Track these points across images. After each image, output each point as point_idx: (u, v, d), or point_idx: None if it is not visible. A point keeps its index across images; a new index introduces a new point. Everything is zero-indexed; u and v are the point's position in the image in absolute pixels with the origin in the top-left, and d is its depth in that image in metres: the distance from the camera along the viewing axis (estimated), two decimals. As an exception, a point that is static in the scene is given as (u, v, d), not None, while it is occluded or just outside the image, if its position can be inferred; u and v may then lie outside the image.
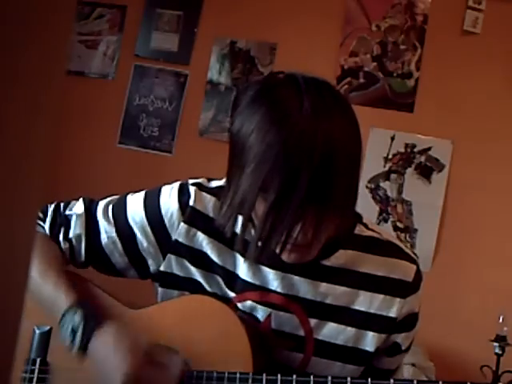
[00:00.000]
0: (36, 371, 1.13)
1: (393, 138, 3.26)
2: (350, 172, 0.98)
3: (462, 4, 3.27)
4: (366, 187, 3.23)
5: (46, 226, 1.20)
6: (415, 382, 1.00)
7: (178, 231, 1.14)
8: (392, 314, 1.10)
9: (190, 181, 1.17)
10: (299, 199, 0.93)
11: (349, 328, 1.11)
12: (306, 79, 0.98)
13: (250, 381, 1.04)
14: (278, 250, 1.01)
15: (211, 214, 1.13)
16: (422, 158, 3.23)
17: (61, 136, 3.15)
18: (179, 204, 1.14)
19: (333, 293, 1.11)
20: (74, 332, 1.06)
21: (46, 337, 1.14)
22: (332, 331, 1.11)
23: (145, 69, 3.59)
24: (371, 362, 1.14)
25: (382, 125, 3.26)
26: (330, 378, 1.02)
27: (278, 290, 1.11)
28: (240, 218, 1.07)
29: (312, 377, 1.03)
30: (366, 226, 1.14)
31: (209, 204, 1.14)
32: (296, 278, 1.11)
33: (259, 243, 0.99)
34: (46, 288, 1.12)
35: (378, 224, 3.20)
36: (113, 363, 1.03)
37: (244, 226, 1.03)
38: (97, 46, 3.67)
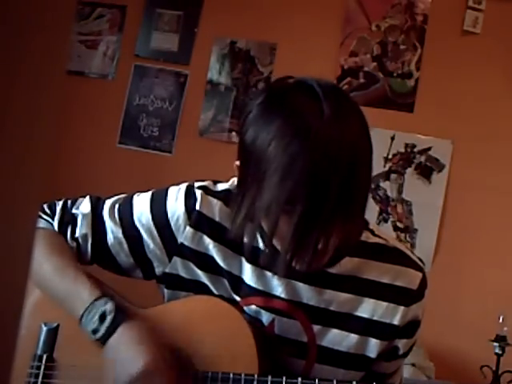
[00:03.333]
0: (42, 367, 1.13)
1: (393, 138, 3.26)
2: (369, 178, 0.98)
3: (462, 4, 3.27)
4: (366, 187, 3.23)
5: (55, 223, 1.20)
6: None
7: (184, 235, 1.13)
8: (395, 321, 1.10)
9: (196, 184, 1.16)
10: (330, 210, 0.91)
11: (352, 335, 1.11)
12: (321, 85, 0.96)
13: (255, 382, 1.04)
14: (299, 262, 1.00)
15: (217, 218, 1.13)
16: (422, 158, 3.23)
17: (61, 136, 3.15)
18: (185, 208, 1.13)
19: (337, 300, 1.10)
20: (102, 318, 1.07)
21: (52, 333, 1.15)
22: (335, 338, 1.11)
23: (145, 69, 3.59)
24: (370, 367, 1.14)
25: (382, 125, 3.25)
26: (335, 382, 1.02)
27: (282, 295, 1.11)
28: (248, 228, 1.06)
29: (317, 380, 1.03)
30: (372, 232, 1.13)
31: (215, 208, 1.13)
32: (300, 284, 1.10)
33: (287, 257, 0.98)
34: (64, 282, 1.12)
35: (378, 224, 3.20)
36: (130, 357, 1.03)
37: (268, 238, 1.02)
38: (97, 46, 3.67)
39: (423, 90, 3.28)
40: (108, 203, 1.21)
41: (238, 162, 1.03)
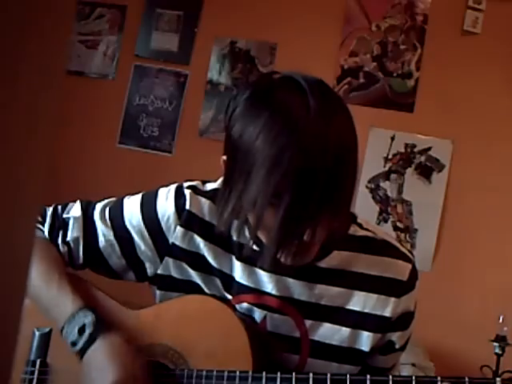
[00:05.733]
0: (36, 372, 1.13)
1: (393, 138, 3.26)
2: (355, 171, 0.98)
3: (461, 4, 3.27)
4: (366, 187, 3.23)
5: (45, 229, 1.21)
6: (414, 378, 1.00)
7: (175, 235, 1.14)
8: (387, 313, 1.10)
9: (185, 184, 1.17)
10: (317, 201, 0.92)
11: (344, 328, 1.11)
12: (307, 80, 0.98)
13: (250, 379, 1.04)
14: (284, 255, 1.00)
15: (207, 218, 1.13)
16: (422, 158, 3.23)
17: (61, 136, 3.15)
18: (175, 208, 1.14)
19: (327, 294, 1.11)
20: (81, 331, 1.07)
21: (46, 338, 1.15)
22: (327, 332, 1.11)
23: (145, 69, 3.59)
24: (366, 361, 1.14)
25: (382, 125, 3.26)
26: (329, 376, 1.03)
27: (273, 292, 1.11)
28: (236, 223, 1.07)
29: (311, 374, 1.03)
30: (360, 225, 1.13)
31: (204, 207, 1.14)
32: (290, 280, 1.11)
33: (273, 249, 0.98)
34: (48, 291, 1.12)
35: (378, 224, 3.20)
36: (103, 372, 1.04)
37: (253, 232, 1.03)
38: (97, 46, 3.67)
39: (423, 90, 3.28)
40: (99, 206, 1.21)
41: (224, 157, 1.04)
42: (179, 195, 1.15)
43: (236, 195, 0.98)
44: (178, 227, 1.14)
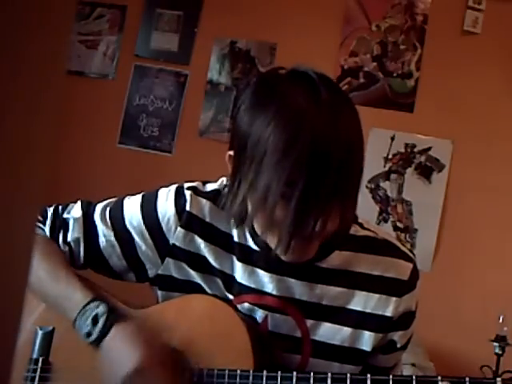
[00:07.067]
0: (38, 371, 1.14)
1: (393, 138, 3.26)
2: (362, 167, 0.99)
3: (462, 4, 3.27)
4: (366, 187, 3.23)
5: (47, 229, 1.21)
6: (414, 377, 1.00)
7: (176, 236, 1.14)
8: (388, 313, 1.10)
9: (186, 184, 1.17)
10: (330, 188, 0.92)
11: (345, 328, 1.11)
12: (316, 72, 0.99)
13: (251, 378, 1.04)
14: (287, 249, 1.00)
15: (207, 219, 1.13)
16: (422, 158, 3.23)
17: (61, 136, 3.15)
18: (176, 209, 1.14)
19: (328, 294, 1.11)
20: (94, 321, 1.07)
21: (48, 337, 1.15)
22: (328, 331, 1.11)
23: (145, 69, 3.59)
24: (367, 361, 1.14)
25: (382, 125, 3.25)
26: (329, 374, 1.03)
27: (274, 292, 1.11)
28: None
29: (312, 373, 1.04)
30: (361, 225, 1.14)
31: (204, 208, 1.14)
32: (291, 280, 1.11)
33: (285, 240, 0.97)
34: (56, 286, 1.13)
35: (378, 224, 3.20)
36: (125, 356, 1.04)
37: (265, 226, 1.00)
38: (97, 46, 3.67)
39: (423, 90, 3.28)
40: (99, 207, 1.21)
41: (231, 152, 1.03)
42: (179, 196, 1.15)
43: (245, 187, 0.98)
44: (179, 228, 1.14)
